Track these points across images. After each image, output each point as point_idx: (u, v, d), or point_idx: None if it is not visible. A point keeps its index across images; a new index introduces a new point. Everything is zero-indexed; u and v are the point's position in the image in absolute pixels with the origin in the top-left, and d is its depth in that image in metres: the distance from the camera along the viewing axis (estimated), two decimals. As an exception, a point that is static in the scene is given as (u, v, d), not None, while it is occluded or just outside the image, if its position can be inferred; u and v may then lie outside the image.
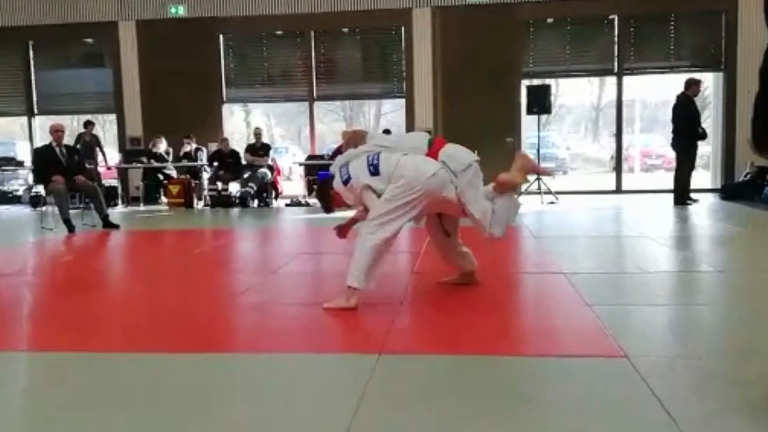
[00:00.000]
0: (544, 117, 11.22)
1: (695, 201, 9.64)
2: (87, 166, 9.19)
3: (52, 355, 3.13)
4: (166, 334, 3.40)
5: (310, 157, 12.46)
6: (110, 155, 12.77)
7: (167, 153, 11.87)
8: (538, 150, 11.30)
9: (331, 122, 27.96)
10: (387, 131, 11.70)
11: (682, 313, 3.74)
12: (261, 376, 2.76)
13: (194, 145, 11.87)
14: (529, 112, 11.05)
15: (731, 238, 6.68)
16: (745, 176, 10.68)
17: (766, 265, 5.10)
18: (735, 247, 6.13)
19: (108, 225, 8.08)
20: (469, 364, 2.82)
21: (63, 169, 8.01)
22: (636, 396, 2.38)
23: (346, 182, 3.86)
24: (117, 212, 10.29)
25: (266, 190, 11.23)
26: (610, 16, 11.56)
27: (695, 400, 2.36)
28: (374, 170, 3.77)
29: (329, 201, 4.12)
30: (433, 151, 3.92)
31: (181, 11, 12.23)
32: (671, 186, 9.92)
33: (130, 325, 3.62)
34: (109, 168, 12.61)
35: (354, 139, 4.19)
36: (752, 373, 2.60)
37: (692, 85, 9.56)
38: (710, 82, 12.01)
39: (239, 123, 26.13)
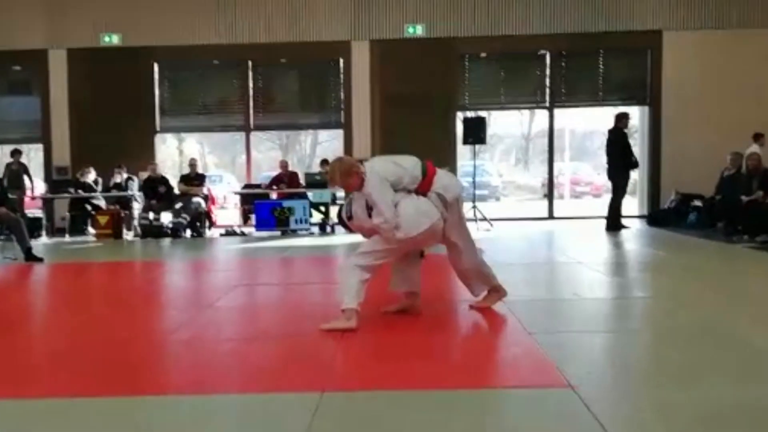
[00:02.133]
0: (478, 146, 11.44)
1: (627, 227, 9.96)
2: (10, 196, 8.81)
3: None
4: (91, 376, 3.19)
5: (245, 186, 12.29)
6: (35, 185, 12.29)
7: (96, 183, 11.49)
8: (474, 178, 11.45)
9: (266, 150, 27.80)
10: (325, 161, 11.67)
11: (620, 339, 3.80)
12: (197, 420, 2.62)
13: (125, 175, 11.55)
14: (465, 142, 11.24)
15: (660, 264, 6.89)
16: (671, 203, 11.11)
17: (693, 289, 5.26)
18: (664, 272, 6.31)
19: (31, 258, 7.70)
20: (413, 399, 2.76)
21: (-17, 201, 7.64)
22: (587, 430, 2.36)
23: (350, 218, 4.18)
24: (41, 244, 9.83)
25: (200, 220, 10.97)
26: (542, 52, 11.93)
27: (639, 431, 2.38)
28: (370, 212, 3.96)
29: (350, 228, 4.48)
30: (427, 180, 4.06)
31: (114, 40, 11.95)
32: (599, 212, 10.24)
33: (52, 368, 3.41)
34: (34, 198, 12.12)
35: (345, 176, 4.01)
36: (688, 397, 2.66)
37: (623, 119, 10.07)
38: (636, 115, 12.50)
39: (172, 151, 25.64)
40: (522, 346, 3.51)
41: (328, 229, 10.97)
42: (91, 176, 11.43)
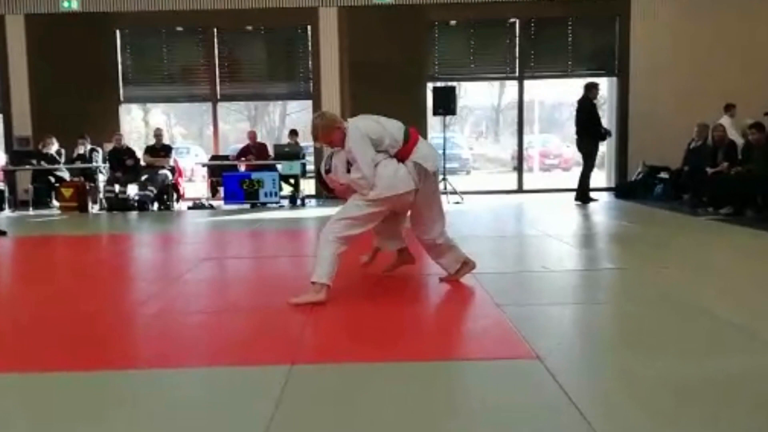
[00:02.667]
0: (448, 118, 11.40)
1: (595, 200, 10.07)
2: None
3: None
4: (57, 350, 3.14)
5: (213, 158, 12.10)
6: (-4, 156, 11.99)
7: (59, 154, 11.20)
8: (444, 150, 11.43)
9: (234, 122, 27.39)
10: (294, 132, 11.56)
11: (587, 311, 3.84)
12: (165, 394, 2.59)
13: (89, 146, 11.28)
14: (435, 113, 11.18)
15: (627, 237, 6.98)
16: (638, 175, 11.23)
17: (662, 261, 5.34)
18: (631, 245, 6.40)
19: (-7, 232, 7.53)
20: (383, 371, 2.76)
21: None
22: (553, 400, 2.39)
23: (327, 172, 4.19)
24: (4, 217, 9.60)
25: (167, 193, 10.80)
26: (511, 20, 11.86)
27: (606, 402, 2.41)
28: (350, 168, 3.98)
29: (328, 189, 4.40)
30: (409, 146, 4.09)
31: (74, 5, 11.59)
32: (569, 185, 10.30)
33: (17, 342, 3.34)
34: (-6, 170, 11.81)
35: (326, 131, 4.06)
36: (654, 368, 2.70)
37: (592, 89, 10.08)
38: (604, 86, 12.55)
39: (137, 122, 25.17)
40: (490, 319, 3.54)
41: (298, 202, 10.90)
42: (53, 147, 11.13)
